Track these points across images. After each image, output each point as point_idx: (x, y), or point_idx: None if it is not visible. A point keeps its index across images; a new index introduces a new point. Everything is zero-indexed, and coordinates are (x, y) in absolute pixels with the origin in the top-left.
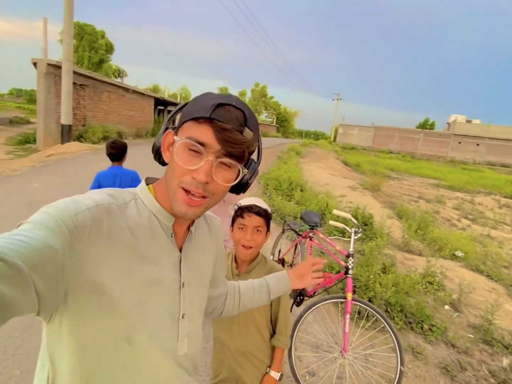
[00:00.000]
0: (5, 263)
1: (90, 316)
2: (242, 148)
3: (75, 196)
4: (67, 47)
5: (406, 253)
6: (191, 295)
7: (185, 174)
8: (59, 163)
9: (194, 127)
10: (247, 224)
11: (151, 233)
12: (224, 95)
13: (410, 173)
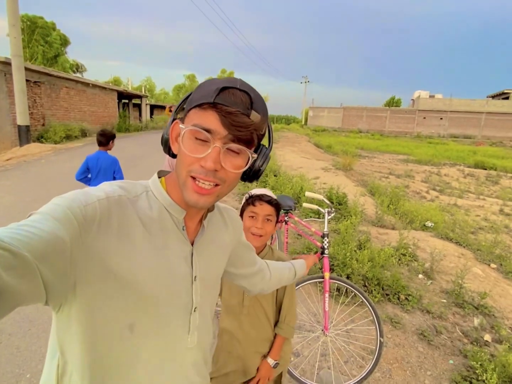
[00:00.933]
0: (10, 254)
1: (99, 306)
2: (249, 132)
3: (87, 188)
4: (15, 42)
5: (380, 228)
6: (203, 289)
7: (193, 163)
8: (19, 166)
9: (199, 114)
10: (259, 212)
11: (161, 226)
12: (229, 79)
13: (380, 150)
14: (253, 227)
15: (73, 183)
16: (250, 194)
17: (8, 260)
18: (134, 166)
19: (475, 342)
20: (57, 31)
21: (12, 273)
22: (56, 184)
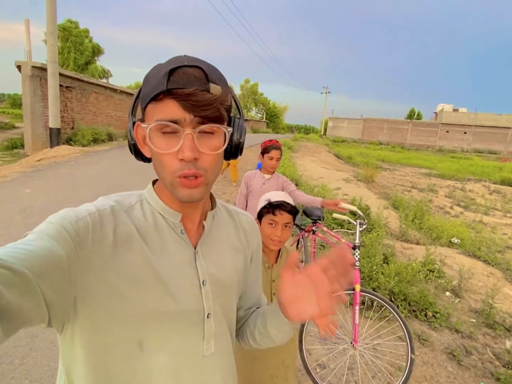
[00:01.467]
0: (11, 272)
1: (101, 323)
2: (215, 107)
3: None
4: (52, 49)
5: (404, 243)
6: (216, 294)
7: (173, 161)
8: (50, 167)
9: (157, 107)
10: (278, 221)
11: (158, 232)
12: (173, 59)
13: (401, 163)
14: (273, 234)
15: (100, 185)
16: (270, 200)
17: (9, 278)
18: None
19: (508, 365)
20: (90, 38)
21: (13, 290)
22: (85, 184)
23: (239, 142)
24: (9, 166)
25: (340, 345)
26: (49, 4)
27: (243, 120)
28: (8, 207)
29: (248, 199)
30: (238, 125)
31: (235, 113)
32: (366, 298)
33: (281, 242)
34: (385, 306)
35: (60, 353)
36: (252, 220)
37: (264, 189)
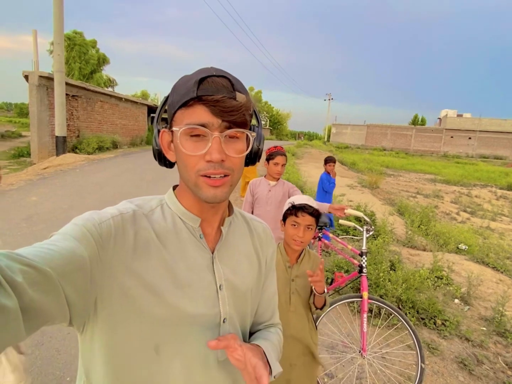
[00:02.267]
0: (34, 270)
1: (120, 324)
2: (241, 113)
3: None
4: (58, 59)
5: (411, 249)
6: (231, 299)
7: (199, 161)
8: (56, 175)
9: (187, 112)
10: (300, 222)
11: (177, 236)
12: (202, 70)
13: (406, 169)
14: (295, 235)
15: (105, 192)
16: (293, 203)
17: (33, 276)
18: (163, 179)
19: None
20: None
21: (36, 288)
22: (90, 192)
23: (258, 148)
24: (16, 174)
25: (348, 354)
26: (56, 15)
27: (261, 129)
28: (15, 214)
29: (254, 206)
30: (257, 133)
31: (254, 122)
32: (373, 305)
33: (303, 243)
34: (393, 314)
35: (80, 353)
36: (267, 228)
37: (270, 196)
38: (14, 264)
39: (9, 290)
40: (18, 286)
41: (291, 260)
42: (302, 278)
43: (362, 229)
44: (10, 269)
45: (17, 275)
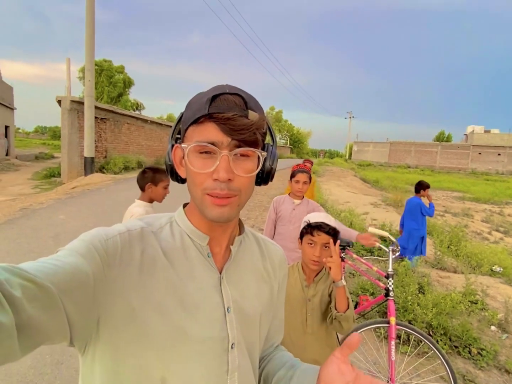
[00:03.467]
0: (35, 285)
1: (123, 347)
2: (252, 132)
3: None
4: (89, 84)
5: (441, 271)
6: (240, 323)
7: (206, 180)
8: (83, 194)
9: (198, 129)
10: (317, 241)
11: (185, 254)
12: (216, 87)
13: (432, 187)
14: (311, 254)
15: None
16: (309, 221)
17: (33, 292)
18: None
19: None
20: (124, 74)
21: (36, 305)
22: (115, 210)
23: (271, 168)
24: (46, 193)
25: None
26: (88, 45)
27: (275, 148)
28: (43, 232)
29: (276, 224)
30: (271, 152)
31: (268, 140)
32: (402, 332)
33: (320, 263)
34: (423, 341)
35: (80, 375)
36: (280, 250)
37: (294, 215)
38: (14, 278)
39: (6, 306)
40: (16, 301)
41: (308, 279)
42: (319, 296)
43: (387, 249)
44: (9, 283)
45: (16, 290)
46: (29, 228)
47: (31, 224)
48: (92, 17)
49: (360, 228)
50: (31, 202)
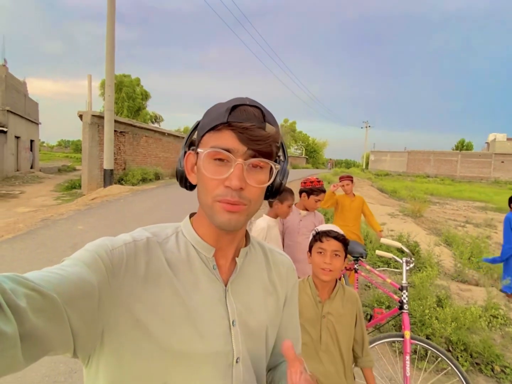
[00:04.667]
0: (40, 295)
1: (127, 359)
2: (268, 144)
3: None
4: (109, 99)
5: (461, 283)
6: (245, 337)
7: (218, 186)
8: (102, 205)
9: (215, 136)
10: (326, 248)
11: (190, 266)
12: (236, 98)
13: (452, 196)
14: (322, 262)
15: (145, 221)
16: (317, 230)
17: (37, 301)
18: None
19: None
20: (140, 87)
21: (40, 315)
22: (132, 221)
23: (281, 183)
24: (66, 204)
25: None
26: (108, 62)
27: (287, 164)
28: (62, 242)
29: (284, 236)
30: (282, 167)
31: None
32: (418, 346)
33: (332, 272)
34: (440, 357)
35: None
36: (288, 260)
37: (302, 226)
38: (19, 288)
39: (10, 315)
40: (21, 311)
41: (321, 294)
42: (336, 315)
43: (401, 261)
44: (14, 293)
45: (21, 300)
46: (49, 239)
47: (51, 234)
48: (112, 36)
49: (376, 240)
50: (52, 213)
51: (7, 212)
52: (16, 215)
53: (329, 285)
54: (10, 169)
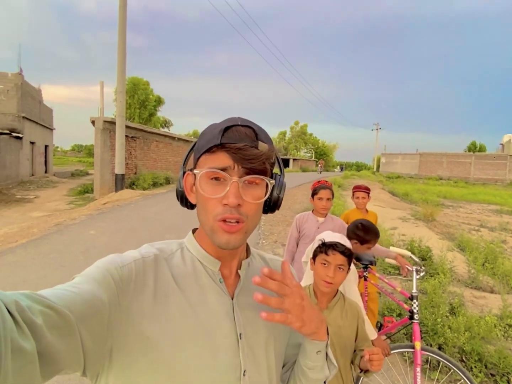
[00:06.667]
0: (55, 312)
1: (135, 377)
2: (261, 161)
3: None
4: (120, 105)
5: (475, 291)
6: (252, 349)
7: (217, 206)
8: (113, 210)
9: (210, 158)
10: (331, 261)
11: (197, 280)
12: (229, 119)
13: (466, 199)
14: (325, 275)
15: (155, 226)
16: (323, 240)
17: (53, 319)
18: None
19: None
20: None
21: (55, 332)
22: (142, 226)
23: (278, 197)
24: (79, 209)
25: None
26: (119, 69)
27: (283, 178)
28: (74, 247)
29: (299, 242)
30: (279, 181)
31: (277, 171)
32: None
33: (333, 284)
34: (452, 369)
35: None
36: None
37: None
38: (35, 305)
39: (27, 332)
40: (37, 328)
41: (320, 303)
42: (334, 327)
43: (411, 269)
44: (31, 310)
45: (37, 317)
46: (62, 243)
47: (64, 239)
48: (124, 44)
49: (387, 244)
50: (65, 218)
51: (22, 216)
52: (31, 219)
53: (329, 295)
54: (25, 174)
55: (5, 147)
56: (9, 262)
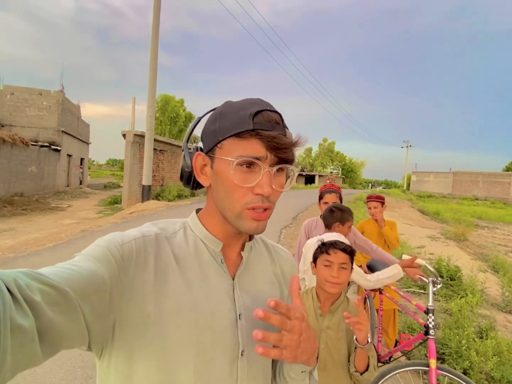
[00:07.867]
0: (54, 289)
1: (136, 353)
2: (292, 150)
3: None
4: (149, 119)
5: (509, 315)
6: (250, 330)
7: (246, 194)
8: (138, 219)
9: (240, 143)
10: (333, 260)
11: (198, 259)
12: (251, 101)
13: (504, 221)
14: (329, 276)
15: None
16: (323, 241)
17: (52, 296)
18: None
19: None
20: (183, 108)
21: (56, 309)
22: None
23: None
24: (106, 218)
25: None
26: (150, 85)
27: None
28: None
29: None
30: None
31: None
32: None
33: (339, 285)
34: None
35: (97, 379)
36: (290, 256)
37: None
38: (33, 283)
39: (27, 310)
40: (37, 305)
41: (323, 307)
42: (337, 331)
43: (427, 281)
44: (29, 288)
45: (36, 294)
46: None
47: (87, 244)
48: (155, 62)
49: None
50: (92, 225)
51: (53, 223)
52: (61, 226)
53: (333, 297)
54: (61, 184)
55: (44, 159)
56: (35, 263)
